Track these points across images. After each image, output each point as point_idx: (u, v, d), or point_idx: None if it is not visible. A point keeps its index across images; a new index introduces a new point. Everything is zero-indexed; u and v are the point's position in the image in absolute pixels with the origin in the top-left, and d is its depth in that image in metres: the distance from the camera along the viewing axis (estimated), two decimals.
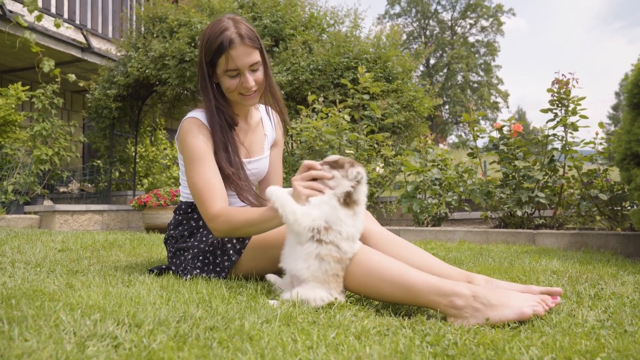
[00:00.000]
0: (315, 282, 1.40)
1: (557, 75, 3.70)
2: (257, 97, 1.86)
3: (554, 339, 1.08)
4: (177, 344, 0.97)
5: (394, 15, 43.59)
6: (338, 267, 1.41)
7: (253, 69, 1.78)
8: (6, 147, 5.27)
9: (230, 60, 1.73)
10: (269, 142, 2.07)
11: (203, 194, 1.70)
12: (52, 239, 3.09)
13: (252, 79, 1.77)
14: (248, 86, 1.77)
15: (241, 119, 1.95)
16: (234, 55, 1.73)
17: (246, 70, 1.76)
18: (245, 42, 1.73)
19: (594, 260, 2.48)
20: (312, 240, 1.41)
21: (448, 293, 1.29)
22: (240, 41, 1.72)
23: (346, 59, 5.39)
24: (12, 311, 1.15)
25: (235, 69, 1.75)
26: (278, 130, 2.13)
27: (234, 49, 1.72)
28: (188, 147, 1.77)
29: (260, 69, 1.81)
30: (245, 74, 1.76)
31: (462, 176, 4.39)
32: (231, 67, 1.74)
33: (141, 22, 6.74)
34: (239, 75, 1.77)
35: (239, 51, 1.73)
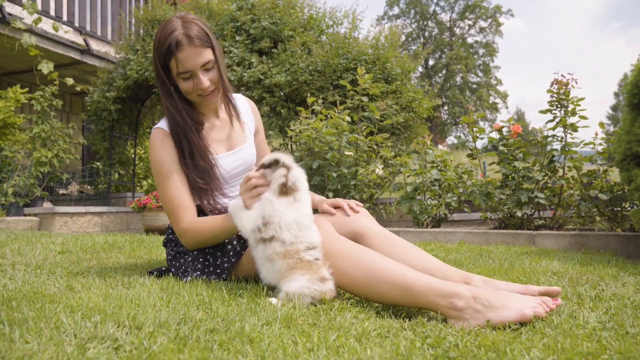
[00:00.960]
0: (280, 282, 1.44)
1: (556, 76, 3.71)
2: (217, 96, 1.83)
3: (555, 340, 1.08)
4: (178, 346, 0.97)
5: (393, 17, 43.64)
6: (290, 262, 1.42)
7: (206, 68, 1.75)
8: (6, 149, 5.26)
9: (179, 63, 1.70)
10: (250, 130, 2.04)
11: (171, 211, 1.76)
12: (52, 241, 3.08)
13: (205, 79, 1.74)
14: (203, 87, 1.74)
15: (210, 116, 1.93)
16: (182, 58, 1.69)
17: (198, 71, 1.73)
18: (193, 42, 1.69)
19: (594, 261, 2.48)
20: (258, 243, 1.48)
21: (448, 294, 1.29)
22: (188, 42, 1.69)
23: (345, 60, 5.39)
24: (13, 313, 1.15)
25: (187, 71, 1.72)
26: (256, 117, 2.11)
27: (182, 51, 1.69)
28: (153, 164, 1.80)
29: (215, 66, 1.77)
30: (198, 75, 1.73)
31: (461, 177, 4.39)
32: (182, 69, 1.71)
33: (140, 25, 6.74)
34: (192, 77, 1.74)
35: (188, 53, 1.69)
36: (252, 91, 5.41)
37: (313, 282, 1.39)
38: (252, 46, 5.64)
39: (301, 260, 1.42)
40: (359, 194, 4.39)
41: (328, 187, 4.28)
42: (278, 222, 1.45)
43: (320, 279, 1.41)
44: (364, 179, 4.42)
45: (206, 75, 1.75)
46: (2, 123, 5.19)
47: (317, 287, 1.39)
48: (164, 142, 1.79)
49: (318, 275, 1.41)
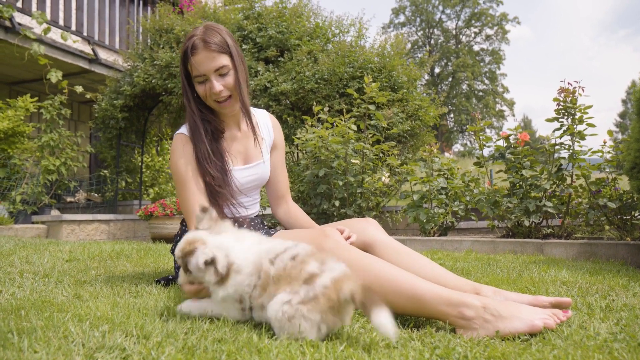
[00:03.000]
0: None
1: (562, 84, 3.70)
2: (233, 104, 1.83)
3: (565, 352, 1.07)
4: (186, 356, 0.97)
5: (399, 25, 43.78)
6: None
7: (220, 73, 1.76)
8: (15, 157, 5.30)
9: (193, 66, 1.75)
10: (268, 145, 2.05)
11: (187, 217, 1.78)
12: (60, 249, 3.09)
13: (218, 83, 1.75)
14: (214, 91, 1.75)
15: (232, 126, 1.94)
16: (196, 61, 1.73)
17: (212, 75, 1.75)
18: (209, 47, 1.72)
19: (603, 270, 2.45)
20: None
21: (457, 303, 1.28)
22: (203, 46, 1.72)
23: (351, 69, 5.40)
24: (22, 322, 1.15)
25: (200, 75, 1.75)
26: (277, 133, 2.10)
27: (196, 54, 1.73)
28: (173, 169, 1.83)
29: (231, 73, 1.78)
30: (211, 79, 1.75)
31: (468, 185, 4.37)
32: (195, 73, 1.76)
33: (147, 34, 6.80)
34: (206, 81, 1.77)
35: (202, 56, 1.73)
36: (258, 99, 5.43)
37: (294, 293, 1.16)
38: (258, 55, 5.67)
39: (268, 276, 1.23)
40: (365, 202, 4.38)
41: (334, 195, 4.27)
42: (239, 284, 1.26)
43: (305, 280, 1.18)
44: (371, 187, 4.41)
45: (220, 81, 1.76)
46: (12, 131, 5.24)
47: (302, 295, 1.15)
48: (185, 148, 1.82)
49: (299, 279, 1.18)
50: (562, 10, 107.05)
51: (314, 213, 4.38)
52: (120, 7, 7.84)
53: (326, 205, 4.31)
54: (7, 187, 5.21)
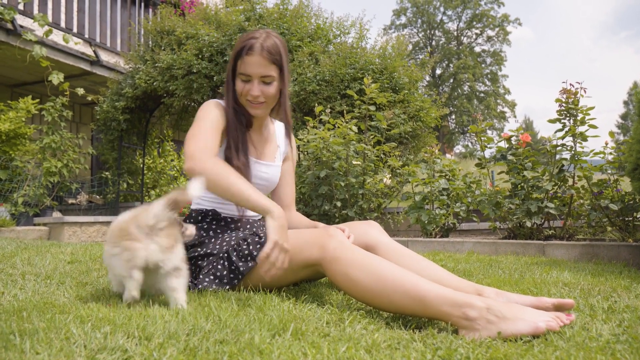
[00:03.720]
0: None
1: (564, 85, 3.69)
2: (263, 109, 1.89)
3: (568, 353, 1.07)
4: (187, 358, 0.97)
5: (400, 26, 43.81)
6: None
7: (265, 81, 1.82)
8: (16, 159, 5.31)
9: (243, 64, 1.80)
10: (281, 153, 2.10)
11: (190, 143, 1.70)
12: (62, 250, 3.10)
13: (258, 88, 1.81)
14: (253, 94, 1.81)
15: (255, 127, 1.99)
16: (248, 61, 1.79)
17: (256, 79, 1.81)
18: (263, 54, 1.78)
19: (605, 271, 2.45)
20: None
21: (461, 304, 1.28)
22: (259, 51, 1.78)
23: (352, 70, 5.41)
24: (24, 324, 1.15)
25: (246, 74, 1.81)
26: (292, 146, 2.18)
27: (251, 55, 1.78)
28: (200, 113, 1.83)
29: (274, 84, 1.84)
30: (254, 82, 1.81)
31: (470, 186, 4.37)
32: (242, 70, 1.81)
33: (149, 36, 6.81)
34: (249, 82, 1.83)
35: (255, 59, 1.78)
36: None
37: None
38: None
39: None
40: (366, 203, 4.38)
41: (336, 197, 4.28)
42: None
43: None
44: (372, 189, 4.41)
45: (261, 86, 1.82)
46: (13, 133, 5.24)
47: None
48: (219, 108, 1.85)
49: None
50: (563, 12, 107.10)
51: (315, 214, 4.38)
52: (121, 9, 7.85)
53: (327, 206, 4.31)
54: (8, 189, 5.21)
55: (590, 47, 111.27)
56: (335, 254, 1.50)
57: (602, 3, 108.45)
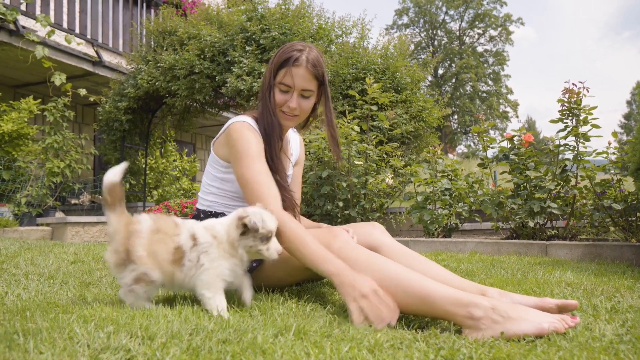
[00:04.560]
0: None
1: (567, 85, 3.69)
2: (294, 122, 1.89)
3: (571, 353, 1.07)
4: (190, 357, 0.97)
5: (402, 26, 43.77)
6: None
7: (304, 95, 1.83)
8: (19, 160, 5.32)
9: (288, 74, 1.79)
10: (293, 160, 2.11)
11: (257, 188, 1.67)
12: (65, 250, 3.10)
13: (297, 101, 1.82)
14: (291, 106, 1.81)
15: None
16: (294, 73, 1.79)
17: (296, 92, 1.81)
18: (308, 67, 1.79)
19: (608, 272, 2.44)
20: None
21: (466, 303, 1.28)
22: (306, 64, 1.79)
23: (354, 70, 5.40)
24: (27, 323, 1.15)
25: (288, 85, 1.80)
26: (301, 150, 2.18)
27: (297, 67, 1.79)
28: (241, 143, 1.76)
29: (312, 99, 1.85)
30: (294, 94, 1.81)
31: (472, 186, 4.36)
32: (286, 81, 1.80)
33: (151, 36, 6.82)
34: (288, 93, 1.82)
35: (300, 71, 1.79)
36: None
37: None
38: (262, 56, 5.68)
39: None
40: (368, 203, 4.37)
41: (338, 197, 4.27)
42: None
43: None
44: (374, 189, 4.41)
45: (299, 100, 1.83)
46: (16, 134, 5.26)
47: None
48: (254, 133, 1.80)
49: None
50: (566, 11, 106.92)
51: (317, 214, 4.38)
52: (123, 10, 7.86)
53: (330, 206, 4.31)
54: (11, 190, 5.23)
55: (593, 47, 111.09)
56: (339, 253, 1.50)
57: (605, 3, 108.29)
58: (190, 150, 10.51)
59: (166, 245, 1.40)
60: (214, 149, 1.91)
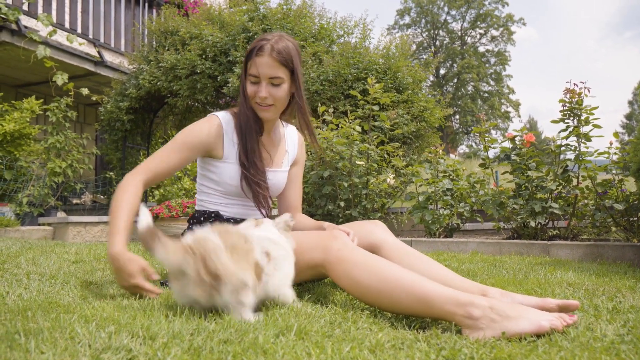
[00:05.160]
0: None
1: (568, 85, 3.68)
2: (271, 112, 1.88)
3: (572, 353, 1.06)
4: (192, 357, 0.97)
5: (404, 26, 43.75)
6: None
7: (273, 82, 1.82)
8: (21, 159, 5.33)
9: (253, 65, 1.81)
10: (290, 159, 2.10)
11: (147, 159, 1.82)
12: (66, 250, 3.11)
13: (267, 90, 1.82)
14: (261, 95, 1.82)
15: (265, 131, 1.98)
16: (257, 62, 1.80)
17: (264, 81, 1.81)
18: (273, 55, 1.79)
19: (610, 272, 2.44)
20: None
21: (465, 303, 1.28)
22: (269, 52, 1.79)
23: (356, 70, 5.40)
24: (29, 323, 1.16)
25: (255, 76, 1.82)
26: (300, 150, 2.17)
27: (260, 56, 1.79)
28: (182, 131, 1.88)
29: (283, 87, 1.84)
30: (262, 84, 1.82)
31: (474, 187, 4.36)
32: (252, 72, 1.82)
33: (152, 36, 6.83)
34: (257, 84, 1.83)
35: (264, 60, 1.79)
36: None
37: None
38: None
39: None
40: (370, 203, 4.37)
41: (339, 197, 4.27)
42: None
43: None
44: (376, 189, 4.41)
45: (269, 89, 1.82)
46: (18, 134, 5.27)
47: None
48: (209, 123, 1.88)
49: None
50: (567, 12, 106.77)
51: (319, 214, 4.38)
52: (125, 10, 7.87)
53: (331, 206, 4.31)
54: (13, 189, 5.23)
55: (594, 48, 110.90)
56: (338, 255, 1.50)
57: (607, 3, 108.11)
58: None
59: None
60: None
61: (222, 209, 1.93)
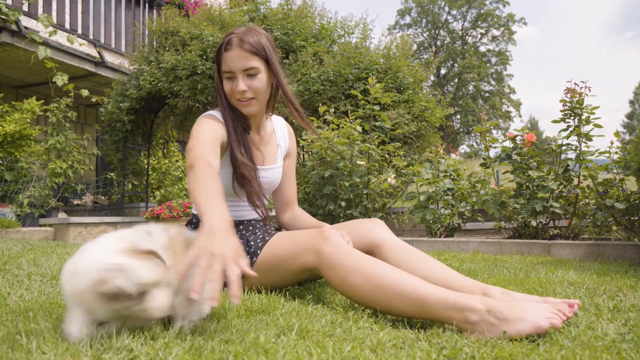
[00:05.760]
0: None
1: (569, 84, 3.68)
2: (254, 106, 1.80)
3: (573, 352, 1.06)
4: (193, 357, 0.97)
5: (404, 26, 43.72)
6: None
7: (249, 73, 1.74)
8: (21, 160, 5.34)
9: (224, 61, 1.74)
10: (282, 152, 2.05)
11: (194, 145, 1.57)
12: (67, 251, 3.11)
13: (244, 83, 1.73)
14: (239, 89, 1.73)
15: (253, 130, 1.92)
16: (227, 57, 1.72)
17: (239, 74, 1.73)
18: (243, 46, 1.71)
19: (611, 271, 2.44)
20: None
21: (461, 308, 1.26)
22: (237, 44, 1.71)
23: (357, 70, 5.40)
24: (30, 324, 1.16)
25: (229, 71, 1.74)
26: (291, 142, 2.11)
27: (229, 50, 1.72)
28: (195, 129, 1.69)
29: (260, 77, 1.76)
30: (238, 78, 1.74)
31: (475, 186, 4.36)
32: (225, 68, 1.74)
33: (153, 36, 6.83)
34: (233, 80, 1.76)
35: (234, 54, 1.71)
36: None
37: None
38: None
39: None
40: (371, 203, 4.37)
41: (340, 197, 4.27)
42: None
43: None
44: (376, 188, 4.41)
45: (246, 81, 1.74)
46: (18, 135, 5.27)
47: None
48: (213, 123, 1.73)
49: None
50: (568, 12, 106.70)
51: (319, 214, 4.38)
52: (126, 10, 7.88)
53: (332, 206, 4.31)
54: (14, 190, 5.24)
55: (595, 48, 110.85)
56: (331, 259, 1.46)
57: (607, 3, 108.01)
58: None
59: None
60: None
61: None
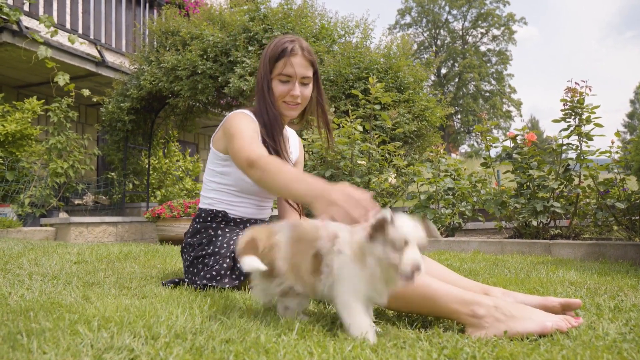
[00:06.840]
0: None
1: (569, 84, 3.68)
2: (297, 111, 1.95)
3: (574, 352, 1.06)
4: (194, 357, 0.97)
5: (405, 26, 43.69)
6: None
7: (304, 82, 1.90)
8: (23, 160, 5.34)
9: (288, 65, 1.86)
10: (292, 160, 2.12)
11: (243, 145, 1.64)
12: (68, 251, 3.11)
13: (299, 89, 1.88)
14: (295, 94, 1.88)
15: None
16: (292, 62, 1.86)
17: (297, 80, 1.88)
18: (305, 55, 1.87)
19: (612, 271, 2.43)
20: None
21: (470, 301, 1.28)
22: (301, 52, 1.87)
23: (357, 70, 5.40)
24: (31, 324, 1.16)
25: (289, 75, 1.87)
26: (300, 151, 2.23)
27: (295, 56, 1.86)
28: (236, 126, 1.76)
29: (310, 86, 1.93)
30: (295, 83, 1.88)
31: (475, 186, 4.36)
32: (286, 71, 1.86)
33: (153, 36, 6.83)
34: (289, 83, 1.88)
35: (298, 60, 1.86)
36: None
37: None
38: None
39: None
40: None
41: None
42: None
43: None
44: (377, 188, 4.40)
45: (300, 88, 1.89)
46: (19, 134, 5.27)
47: None
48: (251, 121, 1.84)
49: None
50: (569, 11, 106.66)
51: None
52: (126, 10, 7.88)
53: None
54: (15, 190, 5.24)
55: (596, 47, 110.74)
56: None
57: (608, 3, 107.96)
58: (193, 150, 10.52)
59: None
60: (213, 145, 1.95)
61: (231, 208, 1.93)
